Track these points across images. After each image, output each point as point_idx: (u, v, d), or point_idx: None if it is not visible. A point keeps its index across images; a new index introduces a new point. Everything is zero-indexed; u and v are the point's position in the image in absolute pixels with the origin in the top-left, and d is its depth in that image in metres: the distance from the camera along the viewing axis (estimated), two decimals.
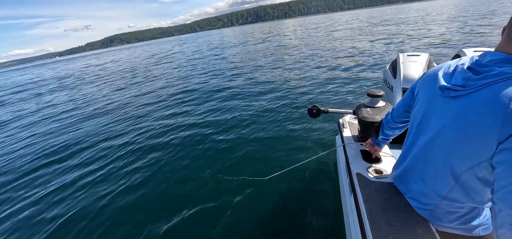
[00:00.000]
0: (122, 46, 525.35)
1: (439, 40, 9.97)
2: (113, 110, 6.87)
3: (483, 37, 9.27)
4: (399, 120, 1.20)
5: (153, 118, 5.47)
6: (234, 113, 4.97)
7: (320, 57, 9.64)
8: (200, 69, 11.46)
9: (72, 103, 8.74)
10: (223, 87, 7.26)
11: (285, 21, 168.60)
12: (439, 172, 0.85)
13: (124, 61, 26.98)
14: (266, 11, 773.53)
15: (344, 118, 2.00)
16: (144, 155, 3.75)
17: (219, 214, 2.36)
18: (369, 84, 5.71)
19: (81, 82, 14.53)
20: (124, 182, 3.14)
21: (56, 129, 5.96)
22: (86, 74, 19.08)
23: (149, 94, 8.07)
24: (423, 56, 2.17)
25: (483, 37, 9.36)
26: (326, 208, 2.26)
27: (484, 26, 11.75)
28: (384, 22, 23.90)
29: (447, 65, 0.87)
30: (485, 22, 13.02)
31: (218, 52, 18.20)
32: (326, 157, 2.84)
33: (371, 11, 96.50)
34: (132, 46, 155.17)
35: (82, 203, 2.88)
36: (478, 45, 7.94)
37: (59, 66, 45.08)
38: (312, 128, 3.78)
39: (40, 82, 19.72)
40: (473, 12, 20.32)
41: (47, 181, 3.52)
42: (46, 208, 2.90)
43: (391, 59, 2.54)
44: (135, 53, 42.41)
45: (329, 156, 2.82)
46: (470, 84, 0.73)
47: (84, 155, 4.16)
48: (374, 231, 0.94)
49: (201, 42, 38.10)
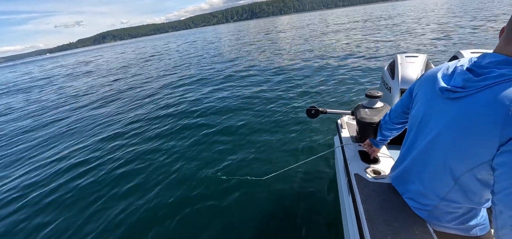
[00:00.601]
0: (114, 42, 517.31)
1: (433, 38, 10.09)
2: (106, 108, 6.76)
3: (473, 36, 9.41)
4: (397, 121, 1.20)
5: (147, 119, 5.40)
6: (231, 113, 4.94)
7: (319, 58, 9.61)
8: (194, 68, 11.34)
9: (64, 100, 8.58)
10: (219, 88, 7.18)
11: (280, 18, 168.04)
12: (438, 173, 0.86)
13: (117, 58, 26.53)
14: (261, 7, 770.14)
15: (343, 118, 2.00)
16: (138, 156, 3.70)
17: (216, 214, 2.35)
18: (367, 85, 5.73)
19: (73, 79, 14.25)
20: (119, 183, 3.10)
21: (46, 128, 5.84)
22: (79, 71, 18.72)
23: (143, 93, 7.96)
24: (421, 57, 2.18)
25: (474, 36, 9.49)
26: (324, 209, 2.26)
27: (478, 27, 11.93)
28: (380, 19, 24.06)
29: (446, 66, 0.87)
30: (476, 23, 13.20)
31: (213, 50, 18.03)
32: (324, 157, 2.84)
33: (364, 8, 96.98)
34: (125, 43, 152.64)
35: (77, 205, 2.83)
36: (475, 46, 8.03)
37: (47, 64, 44.06)
38: (311, 129, 3.78)
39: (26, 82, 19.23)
40: (466, 11, 20.59)
41: (38, 182, 3.45)
42: (43, 210, 2.85)
43: (389, 60, 2.55)
44: (127, 50, 41.76)
45: (328, 156, 2.83)
46: (470, 86, 0.73)
47: (77, 154, 4.08)
48: (372, 231, 0.94)
49: (196, 39, 37.74)
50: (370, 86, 5.65)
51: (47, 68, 31.51)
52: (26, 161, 4.24)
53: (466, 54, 2.03)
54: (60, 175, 3.54)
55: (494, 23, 11.74)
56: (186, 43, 32.62)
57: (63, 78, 16.19)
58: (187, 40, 39.02)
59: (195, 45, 26.19)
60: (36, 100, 9.85)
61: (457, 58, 1.77)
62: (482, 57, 0.76)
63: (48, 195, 3.10)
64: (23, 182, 3.51)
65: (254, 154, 3.28)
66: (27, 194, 3.20)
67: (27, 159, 4.30)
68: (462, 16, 16.71)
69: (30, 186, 3.40)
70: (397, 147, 1.53)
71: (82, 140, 4.70)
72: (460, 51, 2.17)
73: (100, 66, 20.49)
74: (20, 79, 22.01)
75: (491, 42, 8.17)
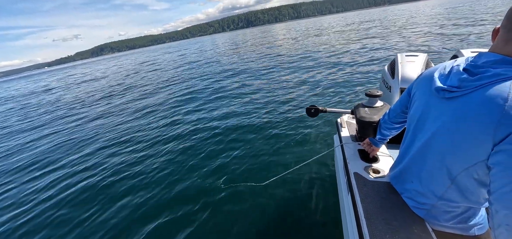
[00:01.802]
0: (113, 54, 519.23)
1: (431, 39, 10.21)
2: (105, 117, 6.73)
3: (459, 37, 9.53)
4: (396, 121, 1.21)
5: (146, 126, 5.39)
6: (229, 118, 4.93)
7: (319, 58, 9.70)
8: (193, 75, 11.40)
9: (60, 110, 8.54)
10: (216, 94, 7.17)
11: (276, 25, 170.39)
12: (435, 173, 0.86)
13: (113, 71, 26.60)
14: (257, 16, 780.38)
15: (342, 117, 2.00)
16: (137, 163, 3.68)
17: (217, 223, 2.32)
18: (367, 84, 5.76)
19: (69, 90, 14.22)
20: (118, 190, 3.07)
21: (41, 138, 5.80)
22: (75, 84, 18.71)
23: (141, 101, 7.96)
24: (421, 56, 2.19)
25: (460, 37, 9.61)
26: (323, 207, 2.26)
27: (462, 26, 12.11)
28: (375, 22, 24.42)
29: (442, 66, 0.88)
30: (462, 23, 13.42)
31: (211, 58, 18.17)
32: (323, 156, 2.85)
33: (358, 13, 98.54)
34: (123, 55, 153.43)
35: (72, 209, 2.83)
36: (474, 46, 8.12)
37: (45, 77, 44.12)
38: (310, 128, 3.80)
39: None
40: (461, 14, 20.96)
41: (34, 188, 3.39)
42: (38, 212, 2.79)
43: (389, 59, 2.56)
44: (127, 60, 41.93)
45: (327, 155, 2.83)
46: (465, 85, 0.74)
47: (73, 163, 4.07)
48: (371, 230, 0.94)
49: (193, 49, 38.00)
50: (370, 85, 5.68)
51: (47, 81, 31.50)
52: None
53: (466, 54, 2.03)
54: (60, 177, 3.49)
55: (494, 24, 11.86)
56: (183, 52, 32.81)
57: (60, 91, 16.18)
58: (184, 49, 39.24)
59: (192, 54, 26.36)
60: (23, 116, 9.80)
61: (457, 57, 1.78)
62: (478, 56, 0.77)
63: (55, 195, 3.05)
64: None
65: (254, 159, 3.27)
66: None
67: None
68: (460, 18, 16.97)
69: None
70: (396, 146, 1.53)
71: (83, 151, 4.66)
72: (460, 50, 2.17)
73: (99, 77, 20.51)
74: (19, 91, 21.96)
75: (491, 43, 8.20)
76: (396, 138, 1.43)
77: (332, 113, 1.92)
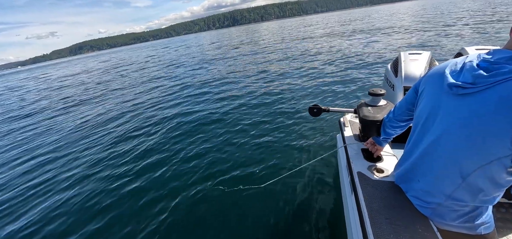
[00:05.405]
0: (92, 53, 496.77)
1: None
2: (95, 119, 6.42)
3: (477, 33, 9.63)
4: (401, 119, 1.19)
5: (142, 128, 5.17)
6: (229, 118, 4.82)
7: (318, 58, 9.69)
8: (185, 75, 11.11)
9: (50, 111, 8.04)
10: (215, 95, 6.90)
11: (262, 24, 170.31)
12: (445, 171, 0.85)
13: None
14: (243, 14, 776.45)
15: (345, 117, 1.99)
16: (135, 164, 3.57)
17: (217, 227, 2.27)
18: (370, 82, 5.77)
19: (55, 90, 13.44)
20: (116, 193, 2.98)
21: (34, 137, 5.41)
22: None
23: (134, 102, 7.65)
24: (424, 54, 2.18)
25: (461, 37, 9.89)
26: (326, 208, 2.26)
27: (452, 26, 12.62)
28: (366, 21, 24.94)
29: (453, 62, 0.87)
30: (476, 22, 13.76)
31: (200, 56, 17.83)
32: (326, 156, 2.84)
33: (342, 13, 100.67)
34: (102, 53, 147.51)
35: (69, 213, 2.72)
36: (479, 43, 8.16)
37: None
38: (313, 128, 3.80)
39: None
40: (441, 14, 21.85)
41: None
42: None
43: (392, 58, 2.56)
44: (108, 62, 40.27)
45: (330, 155, 2.83)
46: (480, 82, 0.72)
47: (67, 163, 3.94)
48: (375, 230, 0.93)
49: (179, 47, 37.18)
50: (373, 84, 5.70)
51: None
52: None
53: (471, 51, 2.01)
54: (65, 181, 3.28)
55: (495, 23, 11.87)
56: (172, 49, 32.00)
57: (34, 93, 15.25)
58: (172, 47, 38.29)
59: (179, 53, 25.76)
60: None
61: (462, 54, 1.79)
62: (492, 53, 0.76)
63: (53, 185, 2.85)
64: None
65: (255, 160, 3.22)
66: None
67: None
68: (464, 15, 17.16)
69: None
70: (400, 145, 1.54)
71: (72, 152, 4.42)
72: (464, 48, 2.15)
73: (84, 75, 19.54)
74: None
75: (493, 39, 8.38)
76: (400, 137, 1.43)
77: (335, 112, 1.90)
